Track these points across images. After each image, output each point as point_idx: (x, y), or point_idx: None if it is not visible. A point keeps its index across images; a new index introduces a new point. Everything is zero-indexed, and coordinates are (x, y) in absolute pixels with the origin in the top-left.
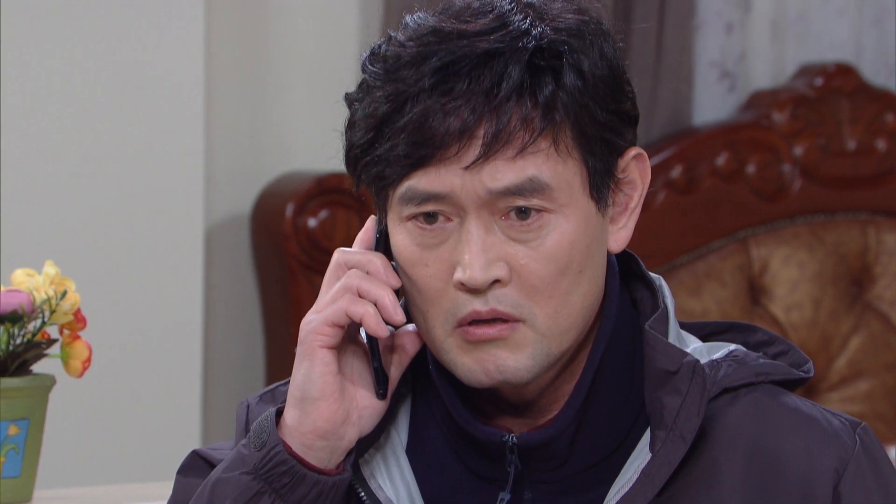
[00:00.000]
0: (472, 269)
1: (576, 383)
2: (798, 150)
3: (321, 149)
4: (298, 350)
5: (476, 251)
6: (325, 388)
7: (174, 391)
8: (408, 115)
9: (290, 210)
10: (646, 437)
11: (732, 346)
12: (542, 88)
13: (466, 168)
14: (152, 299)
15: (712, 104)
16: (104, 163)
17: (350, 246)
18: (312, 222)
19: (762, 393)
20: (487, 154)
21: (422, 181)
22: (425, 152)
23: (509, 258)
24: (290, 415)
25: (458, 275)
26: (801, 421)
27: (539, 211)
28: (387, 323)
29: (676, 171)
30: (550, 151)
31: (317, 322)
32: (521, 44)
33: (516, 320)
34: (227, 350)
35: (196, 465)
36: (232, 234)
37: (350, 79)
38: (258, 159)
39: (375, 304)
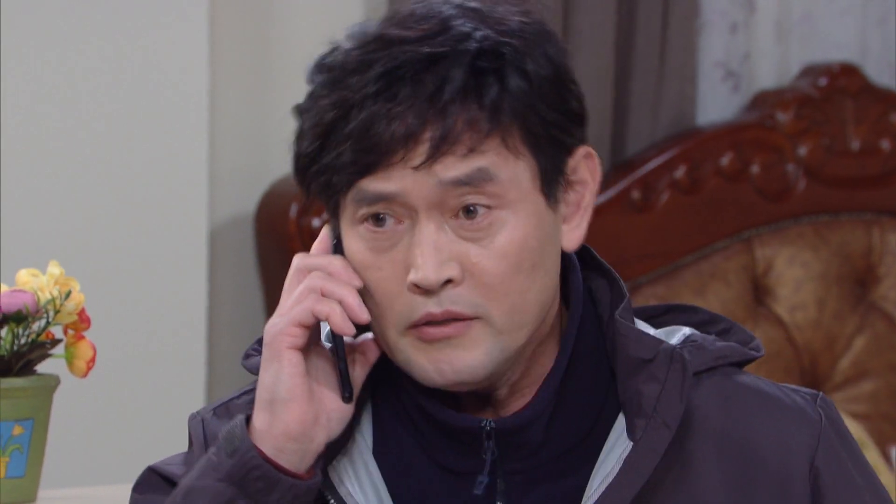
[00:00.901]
0: (425, 269)
1: (550, 370)
2: (802, 151)
3: None
4: (265, 354)
5: (428, 252)
6: (294, 389)
7: (178, 391)
8: (353, 122)
9: (293, 210)
10: (619, 425)
11: (687, 331)
12: (487, 91)
13: (416, 168)
14: (156, 299)
15: (716, 104)
16: (108, 163)
17: None
18: (316, 222)
19: (721, 376)
20: (436, 155)
21: (371, 183)
22: (372, 159)
23: (461, 257)
24: (259, 419)
25: (412, 276)
26: (766, 403)
27: (489, 208)
28: (354, 324)
29: (680, 172)
30: (500, 149)
31: (283, 323)
32: (462, 47)
33: (471, 318)
34: (231, 350)
35: (152, 481)
36: (236, 234)
37: None
38: (262, 159)
39: (340, 303)
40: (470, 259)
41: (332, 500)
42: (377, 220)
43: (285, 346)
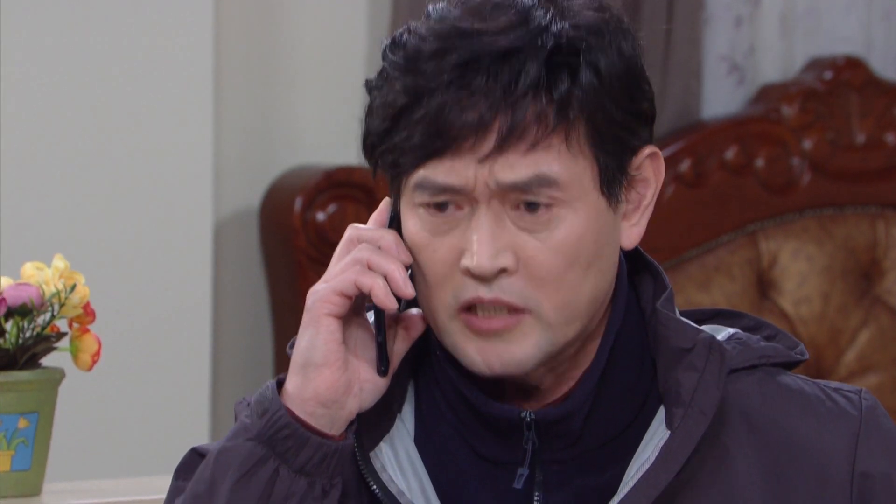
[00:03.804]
0: (480, 256)
1: (591, 363)
2: (807, 144)
3: (330, 142)
4: (304, 318)
5: (485, 239)
6: (328, 356)
7: (183, 384)
8: (425, 107)
9: (298, 204)
10: (660, 416)
11: (731, 330)
12: (558, 85)
13: (480, 161)
14: (161, 293)
15: (721, 98)
16: (113, 157)
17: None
18: (321, 216)
19: (763, 375)
20: (501, 147)
21: (436, 172)
22: (441, 144)
23: (517, 248)
24: (291, 382)
25: (466, 261)
26: (805, 404)
27: (548, 205)
28: (397, 299)
29: (685, 165)
30: (562, 148)
31: (324, 291)
32: (539, 41)
33: (521, 310)
34: (236, 343)
35: (196, 462)
36: (240, 227)
37: (359, 72)
38: (267, 153)
39: (386, 278)
40: (526, 251)
41: (375, 486)
42: (439, 205)
43: (323, 313)
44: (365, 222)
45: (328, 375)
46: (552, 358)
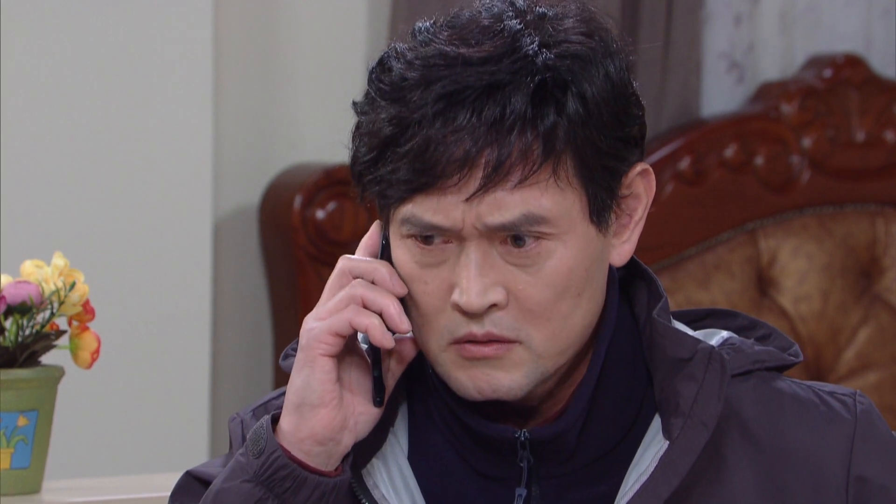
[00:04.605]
0: (469, 294)
1: (582, 378)
2: (807, 142)
3: (329, 140)
4: (298, 356)
5: (474, 276)
6: (324, 396)
7: (183, 382)
8: (411, 140)
9: (298, 202)
10: (655, 425)
11: (725, 334)
12: (544, 119)
13: (467, 200)
14: (161, 291)
15: (721, 96)
16: (113, 155)
17: (355, 242)
18: (321, 214)
19: (758, 380)
20: (487, 185)
21: (423, 210)
22: (426, 180)
23: (507, 283)
24: (286, 421)
25: (456, 297)
26: (800, 409)
27: (537, 238)
28: (392, 332)
29: (685, 163)
30: (550, 182)
31: (319, 330)
32: (525, 75)
33: (512, 341)
34: (236, 341)
35: (190, 486)
36: (240, 225)
37: (358, 71)
38: (266, 151)
39: (381, 314)
40: (516, 285)
41: (366, 502)
42: (425, 238)
43: (318, 353)
44: (364, 222)
45: (324, 415)
46: (542, 384)
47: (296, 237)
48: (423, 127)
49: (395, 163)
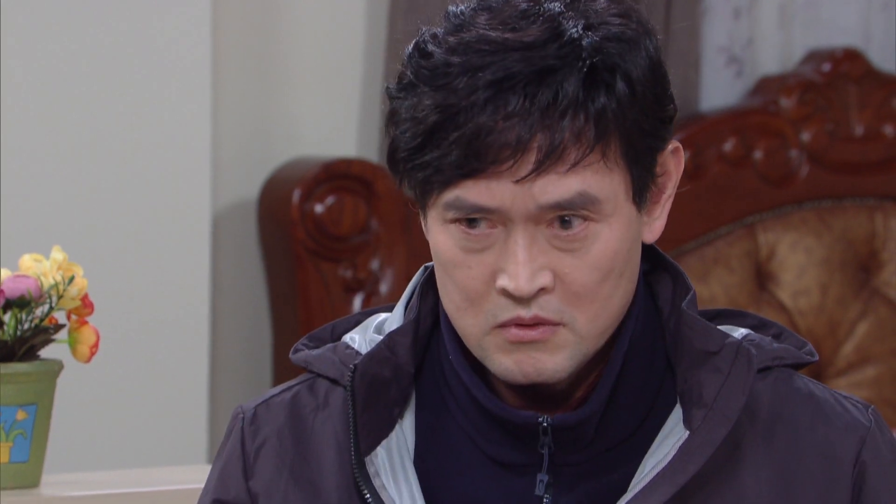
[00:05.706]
0: (518, 279)
1: (606, 366)
2: (806, 136)
3: (328, 134)
4: None
5: (523, 261)
6: None
7: (181, 376)
8: (460, 128)
9: (296, 196)
10: (675, 415)
11: (744, 330)
12: (595, 102)
13: (517, 182)
14: (159, 285)
15: (720, 90)
16: (112, 148)
17: (353, 236)
18: (319, 208)
19: (775, 377)
20: (540, 169)
21: (471, 192)
22: (478, 165)
23: (554, 266)
24: None
25: (504, 282)
26: (817, 408)
27: (584, 220)
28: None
29: (684, 157)
30: (600, 164)
31: None
32: (576, 59)
33: (557, 323)
34: (234, 335)
35: None
36: (239, 219)
37: (357, 64)
38: (265, 145)
39: None
40: (563, 269)
41: (367, 492)
42: (470, 222)
43: None
44: (363, 215)
45: None
46: (582, 367)
47: (294, 231)
48: (473, 114)
49: (444, 149)
